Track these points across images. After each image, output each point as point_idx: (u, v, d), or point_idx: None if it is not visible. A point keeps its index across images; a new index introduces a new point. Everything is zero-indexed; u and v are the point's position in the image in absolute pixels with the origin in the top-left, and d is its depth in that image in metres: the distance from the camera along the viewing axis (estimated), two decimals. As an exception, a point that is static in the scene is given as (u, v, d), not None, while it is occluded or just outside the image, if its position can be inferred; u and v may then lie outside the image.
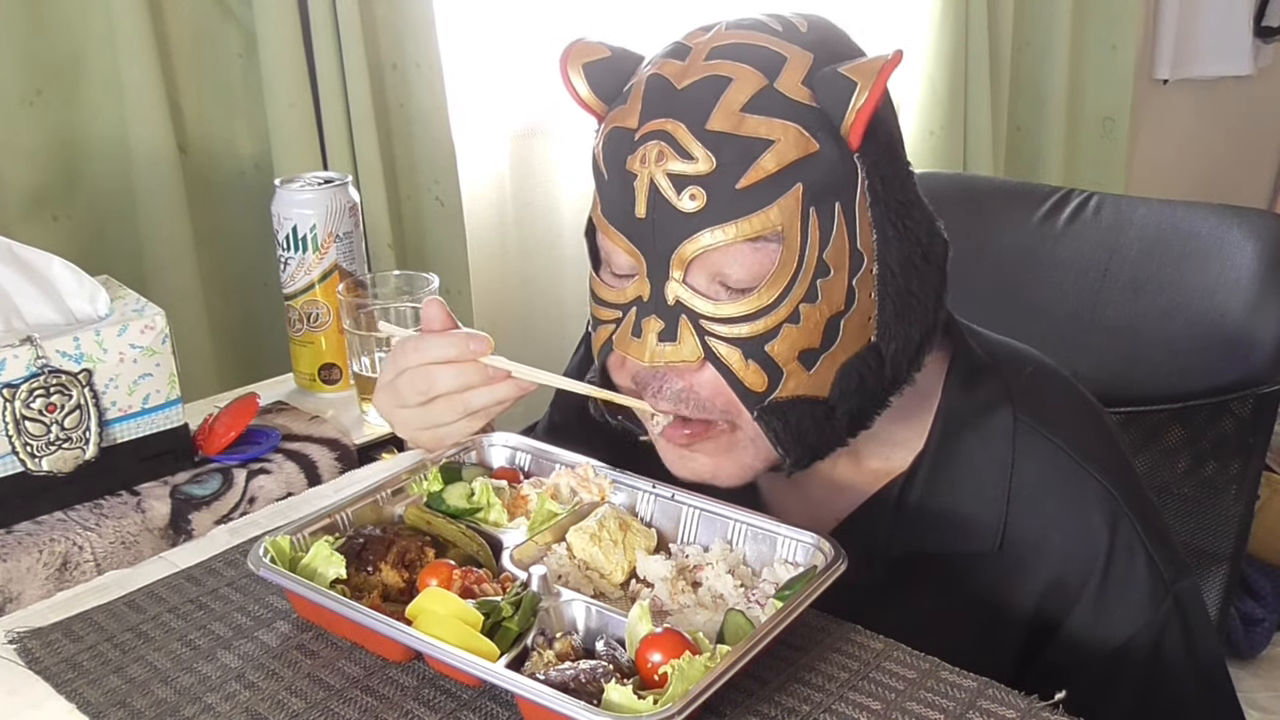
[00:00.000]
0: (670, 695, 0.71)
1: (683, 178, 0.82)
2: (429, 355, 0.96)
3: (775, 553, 0.88)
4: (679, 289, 0.84)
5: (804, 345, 0.85)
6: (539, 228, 2.03)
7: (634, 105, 0.86)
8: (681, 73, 0.84)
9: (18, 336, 1.07)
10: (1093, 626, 0.92)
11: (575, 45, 0.91)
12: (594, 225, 0.91)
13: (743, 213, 0.82)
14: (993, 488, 0.94)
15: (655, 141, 0.83)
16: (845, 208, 0.84)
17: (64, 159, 1.51)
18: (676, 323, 0.85)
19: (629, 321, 0.87)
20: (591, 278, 0.93)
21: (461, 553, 0.90)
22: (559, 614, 0.82)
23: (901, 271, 0.87)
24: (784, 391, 0.85)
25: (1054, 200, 1.41)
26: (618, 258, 0.88)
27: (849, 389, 0.87)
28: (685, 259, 0.84)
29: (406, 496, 0.97)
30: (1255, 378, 1.27)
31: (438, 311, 0.98)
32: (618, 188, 0.86)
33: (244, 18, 1.59)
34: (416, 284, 1.33)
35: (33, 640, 0.88)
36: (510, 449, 1.03)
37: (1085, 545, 0.92)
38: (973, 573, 0.94)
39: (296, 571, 0.85)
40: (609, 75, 0.90)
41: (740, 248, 0.83)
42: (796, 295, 0.83)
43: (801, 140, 0.82)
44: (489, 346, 0.96)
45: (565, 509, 0.93)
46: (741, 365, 0.85)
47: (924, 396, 0.96)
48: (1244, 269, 1.26)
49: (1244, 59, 3.26)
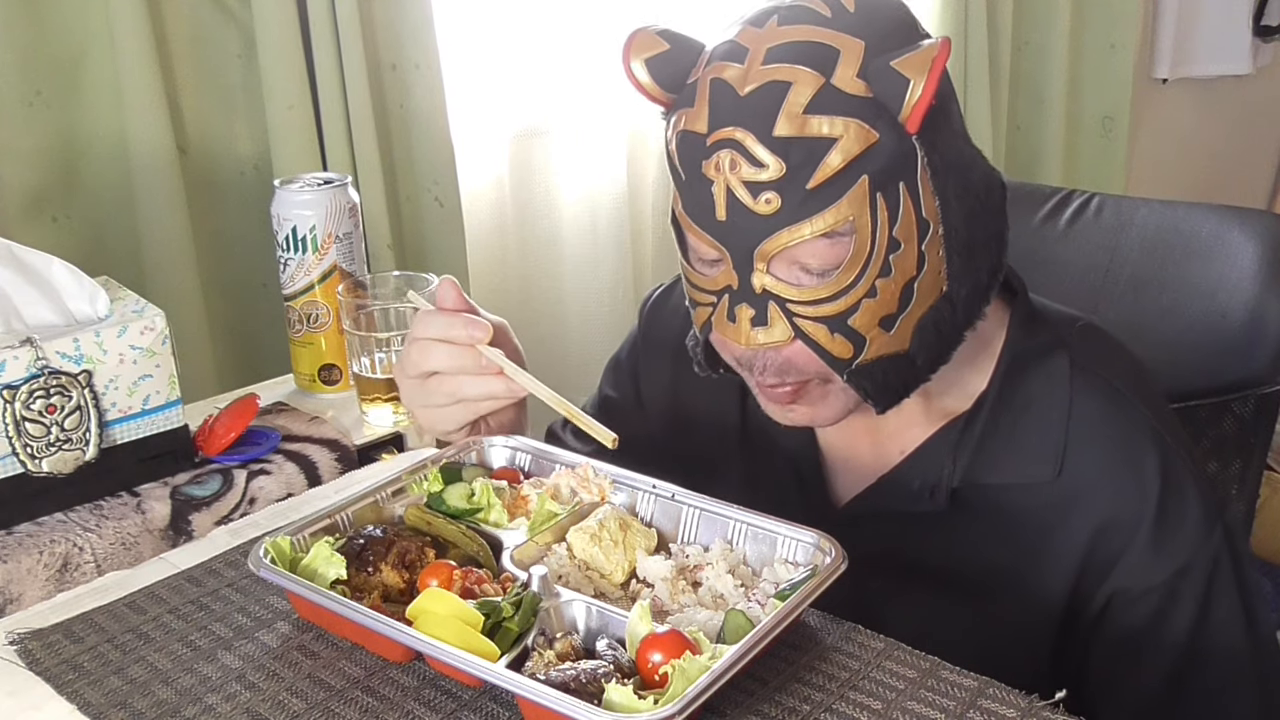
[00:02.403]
0: (671, 695, 0.71)
1: (756, 184, 0.87)
2: (430, 330, 1.00)
3: (775, 552, 0.88)
4: (764, 279, 0.90)
5: (883, 313, 0.91)
6: (539, 228, 2.03)
7: (701, 109, 0.89)
8: (742, 77, 0.88)
9: (18, 338, 1.07)
10: (1150, 561, 0.96)
11: (636, 37, 0.94)
12: (677, 219, 0.95)
13: (815, 210, 0.87)
14: (1051, 423, 0.99)
15: (727, 150, 0.87)
16: (909, 186, 0.89)
17: (64, 160, 1.51)
18: (766, 308, 0.91)
19: (723, 307, 0.93)
20: (683, 265, 0.97)
21: (462, 553, 0.90)
22: (559, 614, 0.82)
23: (965, 225, 0.92)
24: (868, 355, 0.92)
25: (1055, 201, 1.41)
26: (704, 251, 0.93)
27: (927, 339, 0.94)
28: (768, 254, 0.89)
29: (407, 497, 0.97)
30: (1256, 378, 1.27)
31: (450, 291, 1.01)
32: (696, 190, 0.91)
33: (243, 18, 1.59)
34: (416, 284, 1.33)
35: (33, 641, 0.88)
36: (510, 449, 1.03)
37: (1139, 481, 0.97)
38: (1030, 503, 0.98)
39: (297, 572, 0.85)
40: (670, 66, 0.93)
41: (817, 242, 0.88)
42: (872, 274, 0.89)
43: (862, 133, 0.86)
44: (487, 335, 0.98)
45: (565, 509, 0.93)
46: (828, 339, 0.91)
47: (989, 343, 1.02)
48: (1245, 269, 1.26)
49: (1243, 58, 3.26)
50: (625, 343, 1.26)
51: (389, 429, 1.30)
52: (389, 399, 1.31)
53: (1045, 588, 0.98)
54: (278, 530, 0.89)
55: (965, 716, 0.76)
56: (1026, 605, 0.98)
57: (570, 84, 1.98)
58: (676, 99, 0.93)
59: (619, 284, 2.09)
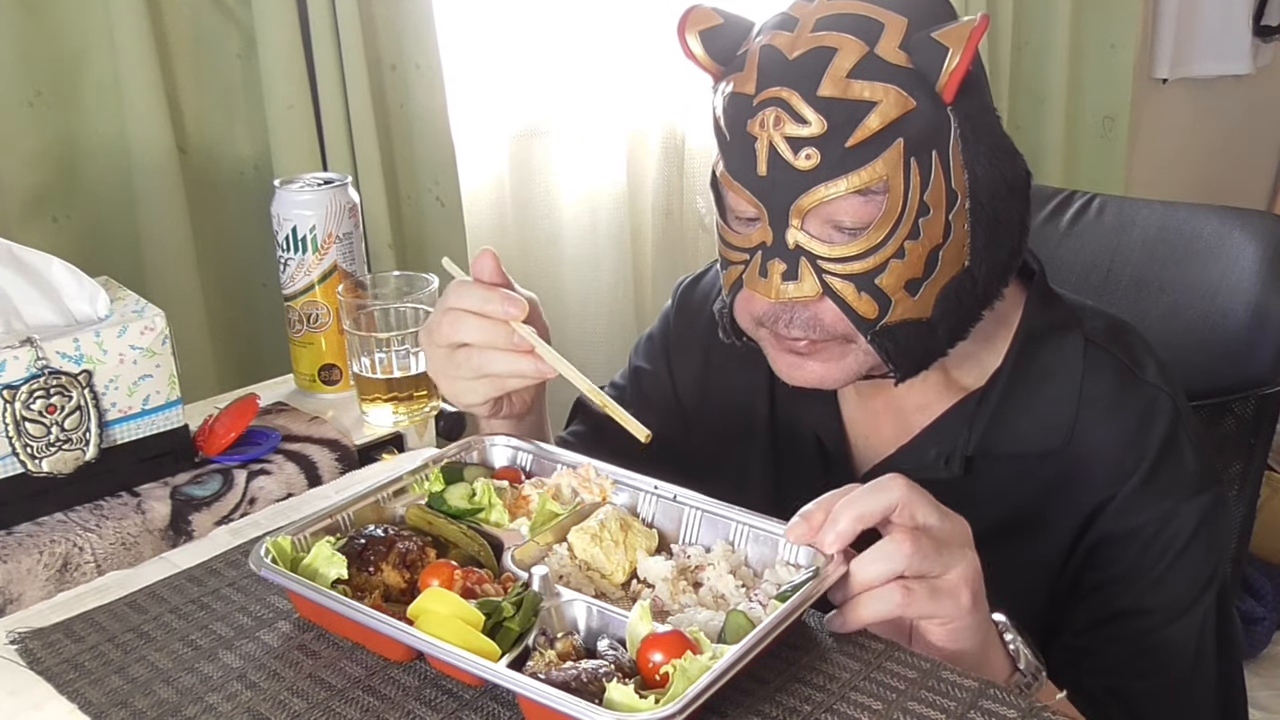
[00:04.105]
0: (671, 694, 0.71)
1: (798, 139, 0.92)
2: (465, 302, 0.99)
3: (777, 554, 0.88)
4: (798, 235, 0.95)
5: (909, 276, 0.95)
6: (539, 228, 2.03)
7: (750, 73, 0.95)
8: (791, 43, 0.94)
9: (18, 338, 1.07)
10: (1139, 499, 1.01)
11: (692, 12, 1.00)
12: (717, 179, 1.00)
13: (852, 167, 0.92)
14: (1064, 395, 1.04)
15: (773, 108, 0.93)
16: (941, 154, 0.94)
17: (64, 160, 1.51)
18: (797, 264, 0.95)
19: (755, 264, 0.97)
20: (719, 224, 1.02)
21: (463, 553, 0.90)
22: (560, 614, 0.82)
23: (990, 202, 0.97)
24: (893, 317, 0.96)
25: (1056, 202, 1.41)
26: (742, 208, 0.98)
27: (949, 309, 0.98)
28: (803, 210, 0.94)
29: (408, 497, 0.96)
30: (1257, 378, 1.27)
31: (489, 263, 1.01)
32: (739, 148, 0.96)
33: (243, 18, 1.59)
34: (416, 284, 1.33)
35: (34, 641, 0.88)
36: (512, 449, 1.03)
37: (1141, 441, 1.02)
38: (1041, 469, 1.04)
39: (298, 572, 0.85)
40: (722, 39, 0.99)
41: (851, 199, 0.93)
42: (901, 234, 0.94)
43: (901, 99, 0.92)
44: (523, 312, 0.98)
45: (567, 509, 0.93)
46: (855, 297, 0.95)
47: (1005, 322, 1.06)
48: (1245, 270, 1.26)
49: (1243, 58, 3.26)
50: (659, 320, 1.29)
51: (389, 429, 1.30)
52: (389, 399, 1.31)
53: (1048, 544, 1.04)
54: (279, 530, 0.89)
55: (965, 717, 0.76)
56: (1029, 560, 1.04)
57: (570, 84, 1.98)
58: (725, 69, 0.98)
59: (619, 284, 2.09)
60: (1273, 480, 2.48)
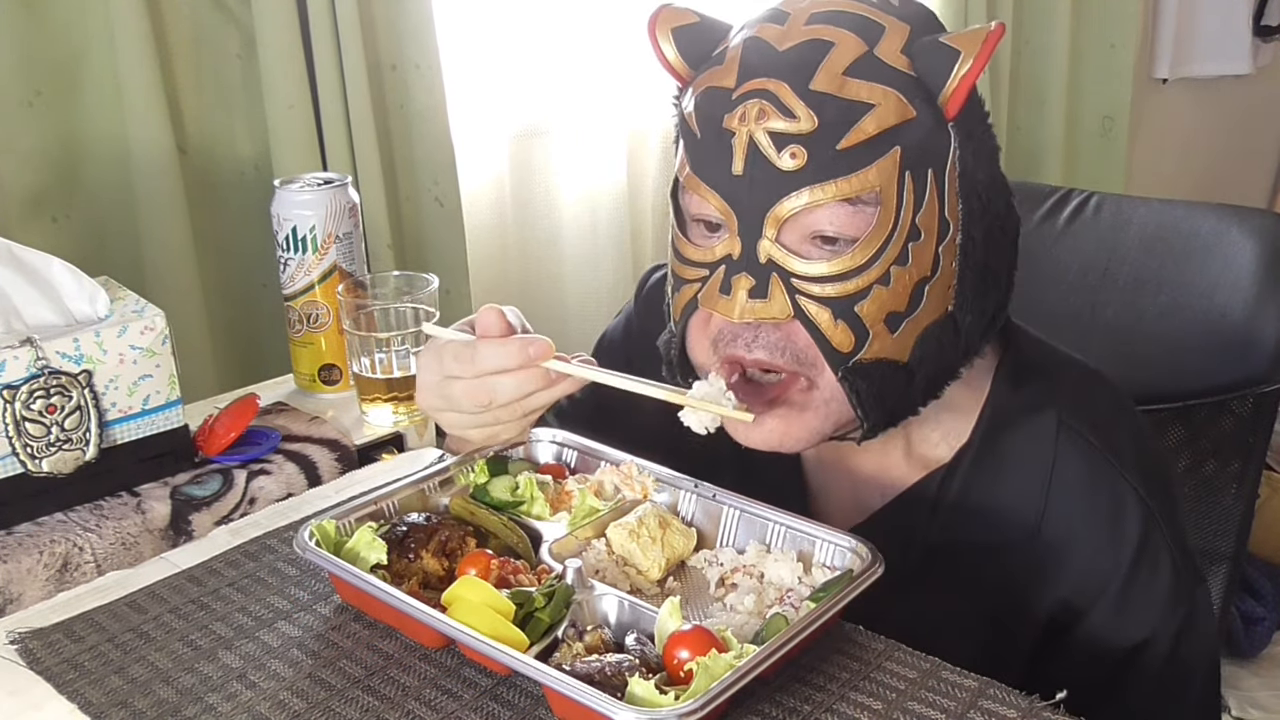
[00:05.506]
0: (693, 691, 0.71)
1: (783, 136, 0.84)
2: (487, 365, 0.90)
3: (814, 555, 0.89)
4: (771, 247, 0.85)
5: (891, 308, 0.86)
6: (539, 228, 2.03)
7: (730, 66, 0.87)
8: (782, 36, 0.86)
9: (18, 338, 1.07)
10: (1112, 623, 0.94)
11: (663, 10, 0.93)
12: (680, 185, 0.91)
13: (842, 172, 0.83)
14: (1032, 484, 0.95)
15: (756, 100, 0.84)
16: (937, 175, 0.86)
17: (63, 160, 1.51)
18: (767, 280, 0.86)
19: (717, 279, 0.88)
20: (676, 238, 0.93)
21: (502, 544, 0.91)
22: (591, 607, 0.83)
23: (983, 242, 0.90)
24: (868, 353, 0.87)
25: (1054, 200, 1.41)
26: (707, 213, 0.89)
27: (927, 354, 0.89)
28: (780, 217, 0.85)
29: (454, 487, 0.98)
30: (1255, 377, 1.27)
31: (495, 319, 0.91)
32: (712, 146, 0.87)
33: (243, 18, 1.59)
34: (416, 284, 1.33)
35: (34, 641, 0.88)
36: (557, 445, 1.05)
37: (1114, 549, 0.94)
38: (1004, 564, 0.95)
39: (340, 555, 0.87)
40: (696, 40, 0.91)
41: (838, 207, 0.84)
42: (889, 256, 0.85)
43: (900, 106, 0.84)
44: (550, 350, 0.90)
45: (607, 505, 0.94)
46: (830, 324, 0.86)
47: (974, 390, 0.98)
48: (1244, 268, 1.26)
49: (1243, 58, 3.26)
50: (618, 324, 1.20)
51: (389, 429, 1.30)
52: (389, 399, 1.31)
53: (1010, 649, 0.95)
54: (324, 513, 0.91)
55: (965, 717, 0.76)
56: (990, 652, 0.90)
57: (570, 84, 1.98)
58: (697, 71, 0.91)
59: (619, 284, 2.09)
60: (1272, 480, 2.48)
